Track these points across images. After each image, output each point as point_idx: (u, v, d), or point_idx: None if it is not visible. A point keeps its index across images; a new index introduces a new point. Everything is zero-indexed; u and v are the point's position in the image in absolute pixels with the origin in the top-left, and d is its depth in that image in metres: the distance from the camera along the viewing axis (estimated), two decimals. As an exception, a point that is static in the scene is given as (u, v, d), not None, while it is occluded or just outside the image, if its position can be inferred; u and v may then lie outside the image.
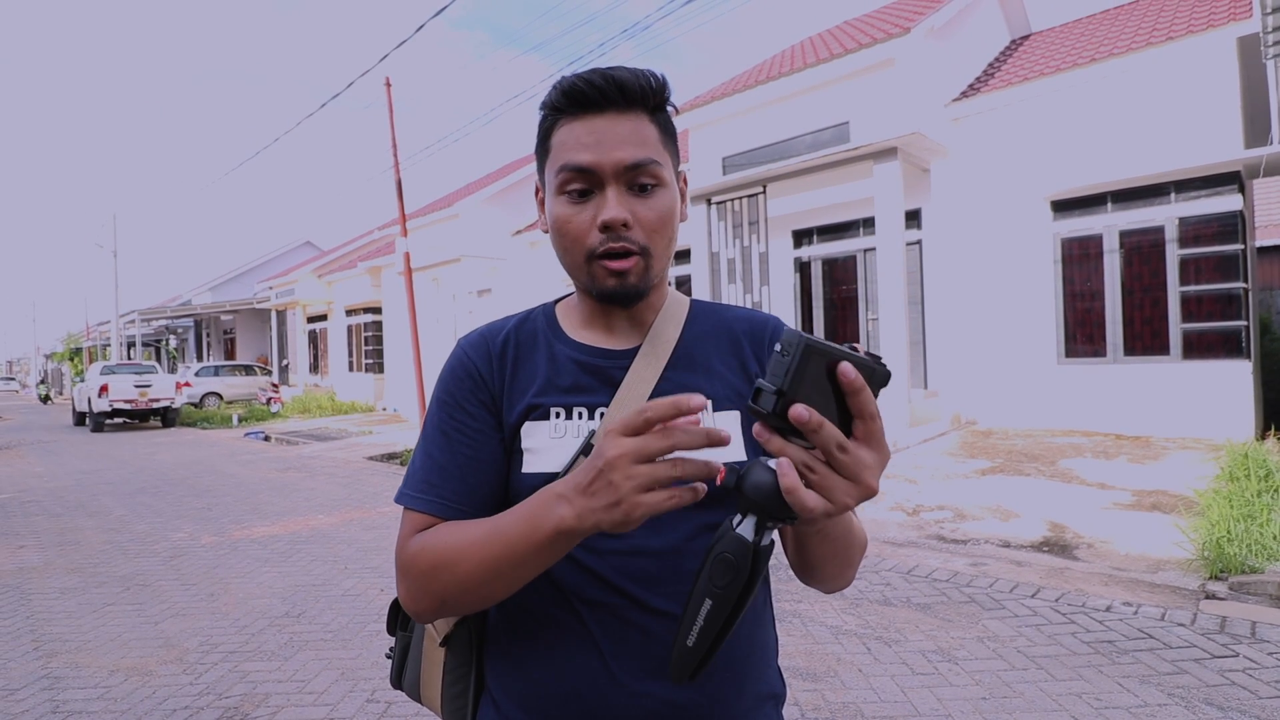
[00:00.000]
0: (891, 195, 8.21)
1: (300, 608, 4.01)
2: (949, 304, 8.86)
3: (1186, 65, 7.44)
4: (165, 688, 3.04)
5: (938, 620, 3.50)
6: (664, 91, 0.79)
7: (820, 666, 3.04)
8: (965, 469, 6.61)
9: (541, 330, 0.87)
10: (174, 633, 3.67)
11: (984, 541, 4.75)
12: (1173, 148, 7.35)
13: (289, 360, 23.51)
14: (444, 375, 0.86)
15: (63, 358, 38.54)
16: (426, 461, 0.81)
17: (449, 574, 0.71)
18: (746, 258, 9.45)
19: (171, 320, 29.75)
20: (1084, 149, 7.97)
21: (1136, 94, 7.72)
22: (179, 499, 7.41)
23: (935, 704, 2.70)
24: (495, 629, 0.85)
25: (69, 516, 6.66)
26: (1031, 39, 10.99)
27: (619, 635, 0.76)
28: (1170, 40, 7.54)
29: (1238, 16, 7.23)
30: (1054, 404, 8.12)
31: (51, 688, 3.05)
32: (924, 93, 8.79)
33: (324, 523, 6.13)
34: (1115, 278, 7.84)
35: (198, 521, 6.30)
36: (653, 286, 0.82)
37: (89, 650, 3.46)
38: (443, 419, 0.82)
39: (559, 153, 0.78)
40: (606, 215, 0.75)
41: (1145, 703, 2.64)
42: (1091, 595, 3.72)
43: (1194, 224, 7.36)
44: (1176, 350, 7.42)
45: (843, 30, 11.51)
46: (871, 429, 0.54)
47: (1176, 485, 5.52)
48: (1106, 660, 3.00)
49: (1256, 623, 3.27)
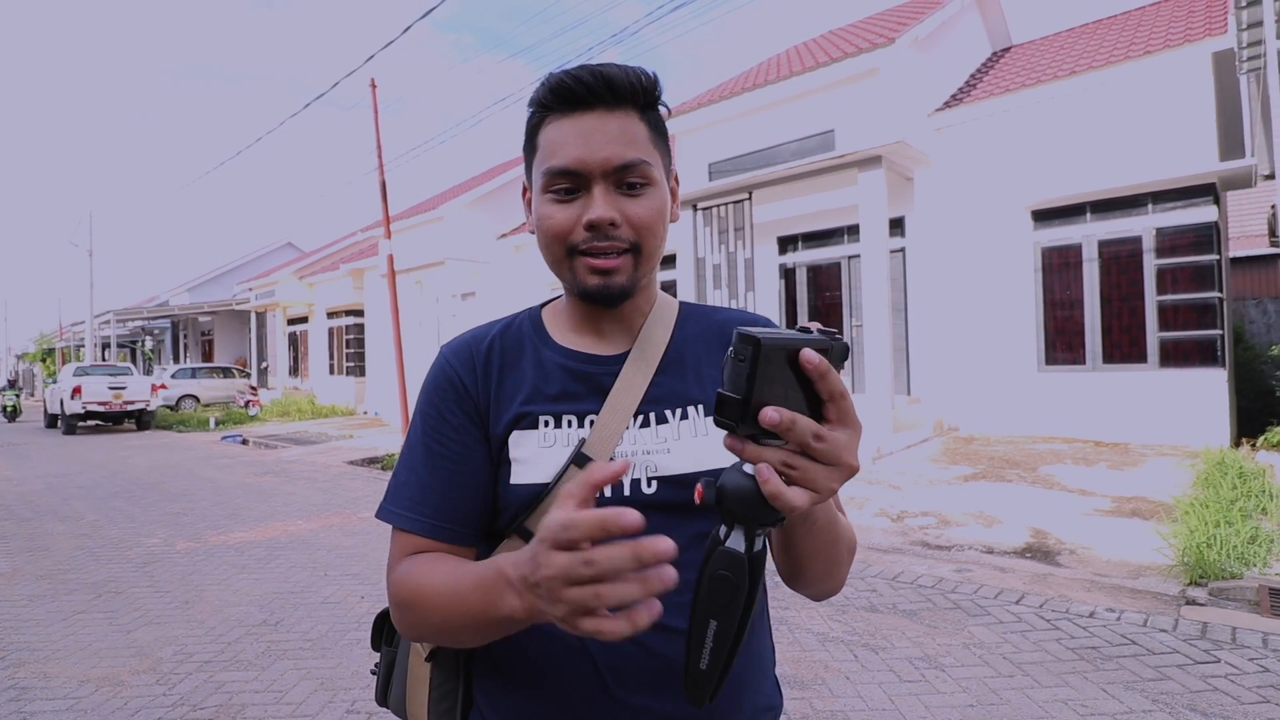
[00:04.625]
0: (876, 203, 8.26)
1: (278, 615, 3.92)
2: (932, 311, 8.93)
3: (1163, 79, 7.57)
4: (138, 699, 2.95)
5: (924, 627, 3.50)
6: (654, 89, 0.77)
7: (808, 674, 3.02)
8: (948, 475, 6.64)
9: (528, 336, 0.84)
10: (147, 642, 3.57)
11: (968, 548, 4.76)
12: (1150, 160, 7.48)
13: (268, 363, 23.19)
14: (426, 386, 0.83)
15: (35, 358, 37.76)
16: (410, 478, 0.79)
17: (421, 618, 0.71)
18: (732, 263, 9.46)
19: (148, 321, 29.25)
20: (1064, 160, 8.09)
21: (1115, 107, 7.85)
22: (153, 503, 7.25)
23: (923, 711, 2.69)
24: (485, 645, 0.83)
25: (38, 521, 6.49)
26: (1012, 51, 11.15)
27: (614, 647, 0.72)
28: (1148, 54, 7.67)
29: (1213, 32, 7.38)
30: (1035, 411, 8.20)
31: (18, 699, 2.95)
32: (908, 102, 8.87)
33: (303, 528, 6.03)
34: (1094, 287, 7.94)
35: (173, 527, 6.16)
36: (640, 288, 0.79)
37: (58, 660, 3.35)
38: (426, 432, 0.80)
39: (546, 151, 0.76)
40: (592, 215, 0.72)
41: (1130, 709, 2.65)
42: (1074, 601, 3.74)
43: (1170, 234, 7.49)
44: (1154, 358, 7.53)
45: (828, 39, 11.61)
46: (843, 408, 0.52)
47: (1155, 492, 5.59)
48: (1091, 666, 3.01)
49: (1236, 628, 3.30)
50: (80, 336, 30.31)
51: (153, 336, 32.64)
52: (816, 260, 9.97)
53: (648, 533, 0.69)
